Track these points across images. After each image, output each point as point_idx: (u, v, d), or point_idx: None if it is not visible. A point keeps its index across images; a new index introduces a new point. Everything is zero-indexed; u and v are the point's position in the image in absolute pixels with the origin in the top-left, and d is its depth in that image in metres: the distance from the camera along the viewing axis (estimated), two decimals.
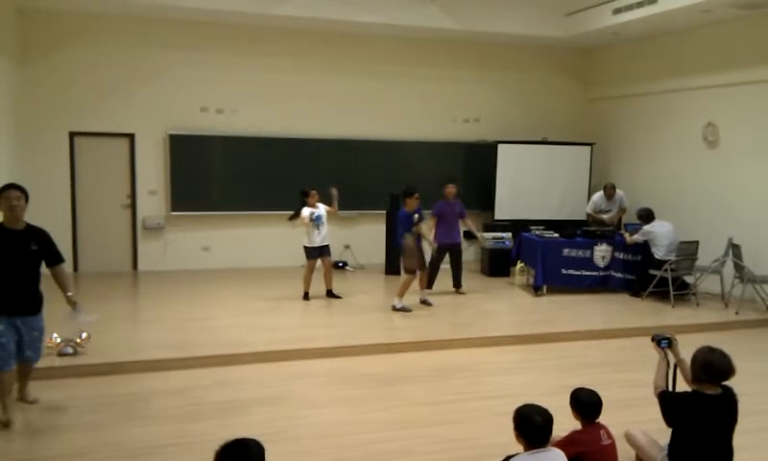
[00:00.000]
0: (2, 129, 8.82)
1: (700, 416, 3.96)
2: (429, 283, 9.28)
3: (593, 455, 3.91)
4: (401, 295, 8.60)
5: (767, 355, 7.41)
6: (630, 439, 4.57)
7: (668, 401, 4.10)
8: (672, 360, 4.49)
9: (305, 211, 8.83)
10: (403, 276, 8.72)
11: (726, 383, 4.04)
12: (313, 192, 8.96)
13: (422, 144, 11.89)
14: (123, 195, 10.73)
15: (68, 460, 4.56)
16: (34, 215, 10.13)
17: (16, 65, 9.69)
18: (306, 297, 9.02)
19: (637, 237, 9.56)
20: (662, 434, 4.34)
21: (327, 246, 9.04)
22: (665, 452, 4.22)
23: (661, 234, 9.32)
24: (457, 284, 9.71)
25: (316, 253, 8.96)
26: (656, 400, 4.33)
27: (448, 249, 9.51)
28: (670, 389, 4.41)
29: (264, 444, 2.91)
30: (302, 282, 9.08)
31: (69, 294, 5.42)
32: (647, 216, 9.58)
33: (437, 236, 9.35)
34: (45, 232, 5.25)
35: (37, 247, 5.12)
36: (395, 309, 8.50)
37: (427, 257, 9.04)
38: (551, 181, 12.07)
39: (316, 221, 8.87)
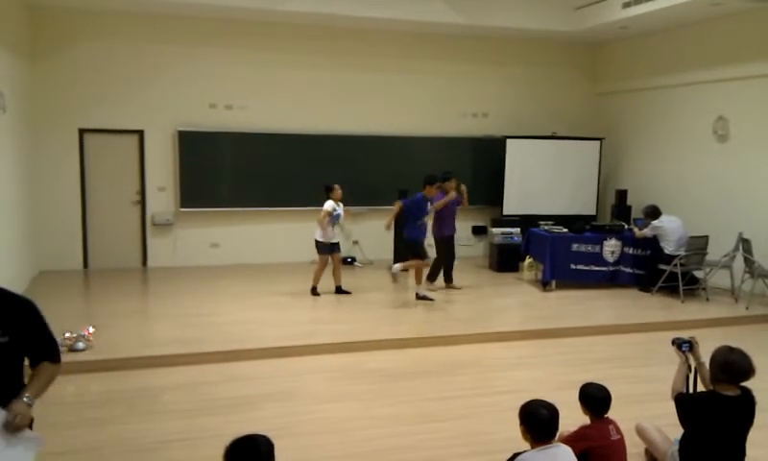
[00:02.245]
0: (12, 126, 8.86)
1: (716, 417, 3.94)
2: (432, 277, 9.30)
3: (602, 451, 3.90)
4: (420, 281, 8.78)
5: None
6: (641, 433, 4.56)
7: (684, 404, 4.07)
8: (693, 364, 4.46)
9: (328, 205, 8.85)
10: (414, 262, 8.77)
11: (744, 384, 4.01)
12: (335, 187, 8.97)
13: (431, 139, 11.86)
14: (132, 191, 10.77)
15: (77, 455, 4.59)
16: (44, 213, 10.27)
17: (26, 62, 9.73)
18: (315, 292, 9.02)
19: (647, 232, 9.52)
20: (672, 429, 4.33)
21: (338, 243, 9.06)
22: (676, 447, 4.21)
23: (671, 229, 9.28)
24: (449, 279, 9.68)
25: (328, 248, 8.97)
26: (666, 396, 4.32)
27: (448, 241, 9.51)
28: (690, 392, 4.39)
29: (273, 439, 2.92)
30: (312, 277, 9.08)
31: (28, 398, 2.90)
32: (653, 213, 9.52)
33: (440, 229, 9.36)
34: (28, 307, 2.98)
35: (9, 337, 2.84)
36: (418, 297, 8.73)
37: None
38: (560, 177, 12.03)
39: (334, 218, 8.86)
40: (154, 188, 10.80)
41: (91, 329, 6.62)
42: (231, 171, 10.97)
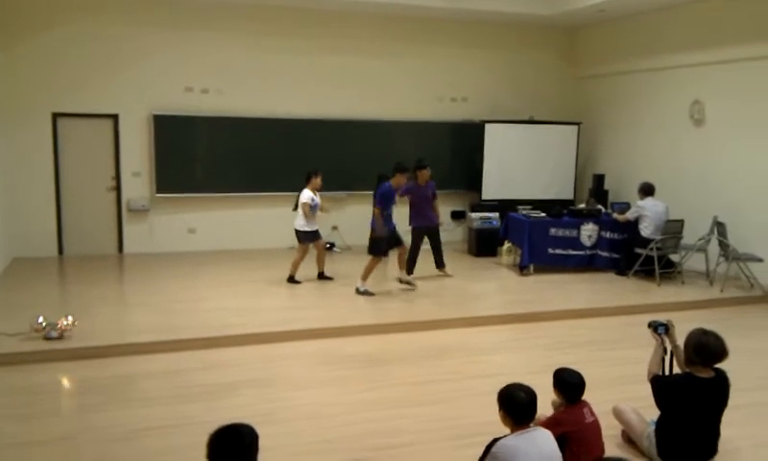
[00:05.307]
0: None
1: (691, 398, 4.00)
2: (409, 268, 9.13)
3: (578, 434, 3.94)
4: (366, 278, 8.45)
5: (752, 332, 7.49)
6: (618, 414, 4.62)
7: (661, 386, 4.13)
8: (669, 347, 4.51)
9: (306, 196, 8.76)
10: (369, 258, 8.58)
11: (719, 366, 4.07)
12: (313, 176, 8.86)
13: (409, 124, 11.83)
14: (107, 177, 10.61)
15: (55, 444, 4.54)
16: (17, 199, 10.08)
17: None
18: (292, 280, 8.95)
19: (629, 215, 9.58)
20: (649, 410, 4.39)
21: (317, 230, 9.00)
22: (652, 428, 4.27)
23: (653, 213, 9.33)
24: (440, 265, 9.62)
25: (309, 237, 8.91)
26: (643, 378, 4.37)
27: (425, 232, 9.35)
28: (666, 374, 4.45)
29: (253, 426, 2.90)
30: (291, 265, 9.01)
31: None
32: (646, 190, 9.54)
33: (412, 219, 9.29)
34: None
35: None
36: (358, 292, 8.39)
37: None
38: (538, 161, 12.07)
39: (313, 209, 8.80)
40: (129, 174, 10.65)
41: (70, 319, 6.49)
42: (208, 156, 10.85)
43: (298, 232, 8.90)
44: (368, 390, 5.58)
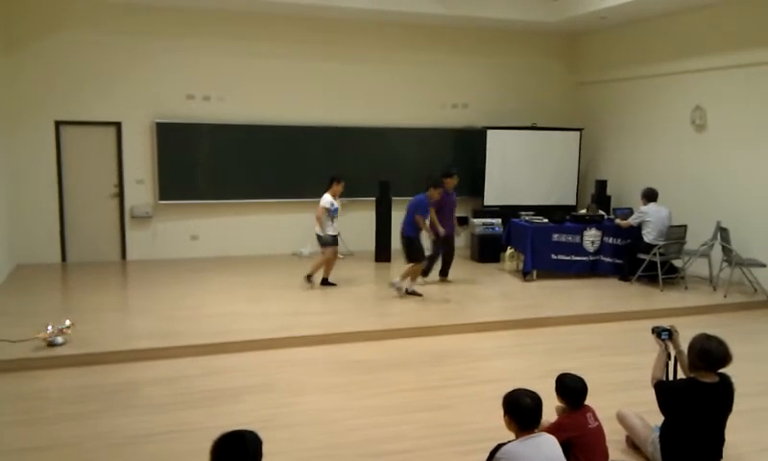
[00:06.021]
0: None
1: (695, 403, 3.99)
2: (426, 271, 9.25)
3: (582, 439, 3.93)
4: (414, 279, 8.73)
5: (755, 337, 7.47)
6: (622, 420, 4.61)
7: (664, 391, 4.12)
8: (672, 352, 4.51)
9: (326, 201, 8.77)
10: (412, 265, 8.70)
11: (723, 371, 4.07)
12: (335, 182, 8.89)
13: (411, 130, 11.84)
14: (110, 184, 10.64)
15: (57, 450, 4.54)
16: (21, 206, 10.11)
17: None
18: (309, 279, 9.00)
19: (632, 221, 9.57)
20: (653, 416, 4.38)
21: (336, 236, 9.00)
22: (656, 434, 4.26)
23: (656, 218, 9.32)
24: (445, 274, 9.63)
25: (330, 240, 8.88)
26: (646, 383, 4.36)
27: (444, 240, 9.38)
28: (669, 379, 4.44)
29: (256, 432, 2.90)
30: (313, 266, 9.03)
31: None
32: (648, 195, 9.53)
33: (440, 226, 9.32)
34: None
35: None
36: (407, 292, 8.64)
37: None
38: (540, 167, 12.07)
39: (333, 213, 8.80)
40: (132, 181, 10.67)
41: (68, 323, 6.53)
42: (210, 163, 10.86)
43: (318, 237, 8.92)
44: (370, 396, 5.57)
